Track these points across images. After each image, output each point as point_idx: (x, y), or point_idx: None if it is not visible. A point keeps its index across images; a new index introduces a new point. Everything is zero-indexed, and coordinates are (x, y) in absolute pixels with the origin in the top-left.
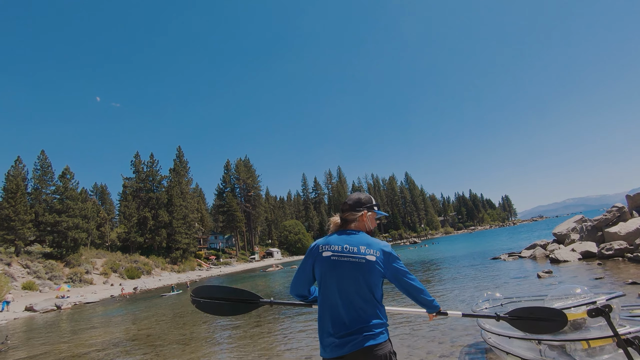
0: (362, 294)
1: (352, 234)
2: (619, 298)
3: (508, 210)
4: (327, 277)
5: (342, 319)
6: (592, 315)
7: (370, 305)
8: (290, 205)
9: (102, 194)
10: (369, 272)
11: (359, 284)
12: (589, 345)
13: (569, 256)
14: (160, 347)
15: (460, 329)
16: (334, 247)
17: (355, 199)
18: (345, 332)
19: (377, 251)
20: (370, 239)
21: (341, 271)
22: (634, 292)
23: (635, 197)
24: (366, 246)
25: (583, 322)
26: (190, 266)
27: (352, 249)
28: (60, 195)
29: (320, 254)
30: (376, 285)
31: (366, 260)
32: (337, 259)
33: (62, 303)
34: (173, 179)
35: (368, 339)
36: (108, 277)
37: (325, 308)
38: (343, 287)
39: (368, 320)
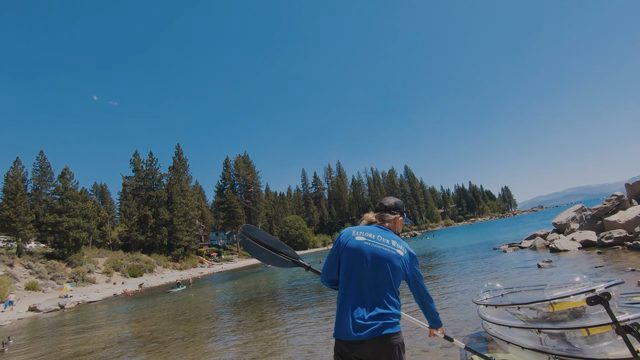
0: (388, 283)
1: (385, 229)
2: (618, 285)
3: (508, 201)
4: (356, 260)
5: (367, 303)
6: (591, 303)
7: (393, 295)
8: (290, 200)
9: (102, 193)
10: (396, 265)
11: (387, 272)
12: (588, 333)
13: (569, 245)
14: (165, 343)
15: (462, 320)
16: (368, 234)
17: (394, 202)
18: (368, 317)
19: (405, 250)
20: (399, 238)
21: (372, 257)
22: (634, 280)
23: (635, 186)
24: (397, 242)
25: (583, 310)
26: (192, 263)
27: (385, 241)
28: (60, 196)
29: (353, 238)
30: (398, 280)
31: (396, 253)
32: (370, 244)
33: (65, 302)
34: (173, 177)
35: (387, 326)
36: (110, 275)
37: (351, 290)
38: (371, 272)
39: (389, 308)
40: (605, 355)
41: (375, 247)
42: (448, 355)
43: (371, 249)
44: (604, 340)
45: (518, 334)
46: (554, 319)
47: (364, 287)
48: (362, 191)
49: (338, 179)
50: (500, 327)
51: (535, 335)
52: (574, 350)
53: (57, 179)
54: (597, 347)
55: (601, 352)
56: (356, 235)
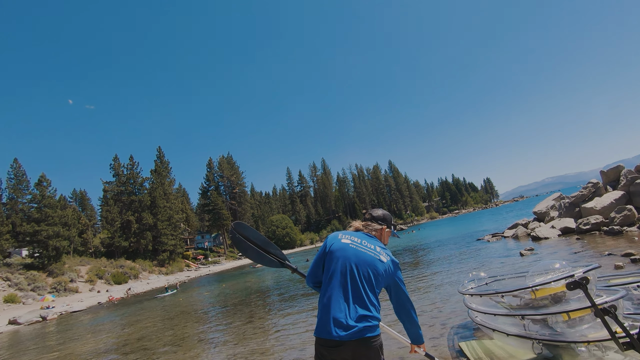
0: (371, 286)
1: (371, 236)
2: (595, 270)
3: (490, 192)
4: (340, 262)
5: (349, 304)
6: (570, 288)
7: (374, 299)
8: (276, 200)
9: (82, 199)
10: (379, 270)
11: (370, 276)
12: (569, 317)
13: (549, 233)
14: (153, 349)
15: (449, 310)
16: (354, 238)
17: (382, 213)
18: (349, 318)
19: (388, 257)
20: (384, 246)
21: (356, 259)
22: (610, 264)
23: (609, 173)
24: (381, 248)
25: (563, 295)
26: (179, 267)
27: (370, 246)
28: (38, 204)
29: (339, 240)
30: (380, 285)
31: (379, 259)
32: (355, 247)
33: (48, 314)
34: (155, 181)
35: (368, 329)
36: (94, 284)
37: (333, 291)
38: (355, 274)
39: (371, 310)
40: (585, 338)
41: (360, 250)
42: (437, 346)
43: (356, 252)
44: (583, 323)
45: (502, 321)
46: (536, 305)
47: (347, 288)
48: (347, 188)
49: (323, 177)
50: (485, 315)
51: (519, 322)
52: (556, 334)
53: (34, 187)
54: (577, 330)
55: (581, 334)
56: (342, 238)
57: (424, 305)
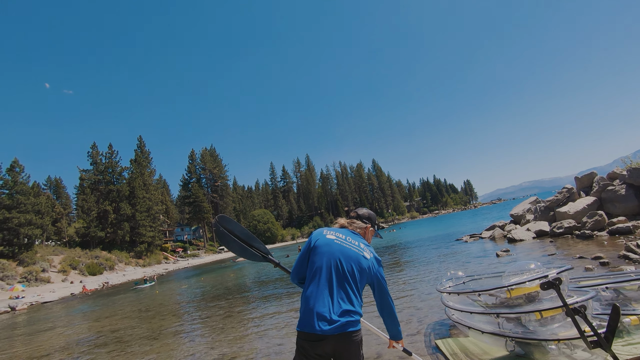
0: (354, 282)
1: (355, 233)
2: (568, 271)
3: (470, 194)
4: (324, 257)
5: (332, 299)
6: (544, 288)
7: (357, 294)
8: (258, 194)
9: (57, 187)
10: (363, 266)
11: (353, 271)
12: (541, 316)
13: (525, 235)
14: (128, 342)
15: (426, 308)
16: (339, 234)
17: (367, 212)
18: (332, 313)
19: (371, 254)
20: (368, 244)
21: (340, 255)
22: (581, 266)
23: (583, 179)
24: (365, 245)
25: (537, 295)
26: (156, 260)
27: (354, 242)
28: (10, 190)
29: (324, 236)
30: (363, 281)
31: (363, 255)
32: (340, 242)
33: (17, 304)
34: (135, 170)
35: (350, 324)
36: (67, 274)
37: (317, 285)
38: (339, 269)
39: (354, 305)
40: (556, 336)
41: (344, 246)
42: (413, 343)
43: (341, 248)
44: (555, 322)
45: (478, 319)
46: (511, 304)
47: (332, 283)
48: (330, 185)
49: (307, 173)
50: (461, 313)
51: (494, 320)
52: (528, 332)
53: (5, 172)
54: (549, 328)
55: (552, 333)
56: (327, 234)
57: (402, 302)
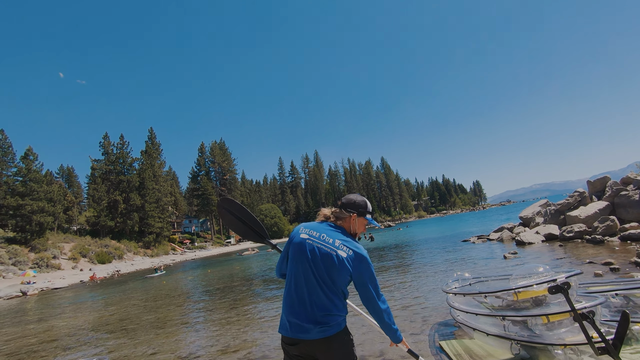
0: (326, 284)
1: (334, 227)
2: (577, 276)
3: (478, 194)
4: (297, 259)
5: (305, 304)
6: (552, 292)
7: (332, 296)
8: (266, 189)
9: (69, 176)
10: (337, 266)
11: (325, 274)
12: (548, 320)
13: (534, 238)
14: (133, 331)
15: (431, 308)
16: (313, 232)
17: (352, 199)
18: (305, 322)
19: (350, 251)
20: (348, 237)
21: (312, 256)
22: (591, 271)
23: (595, 183)
24: (342, 241)
25: (544, 299)
26: (164, 250)
27: (328, 240)
28: (23, 178)
29: (298, 235)
30: (339, 281)
31: (337, 254)
32: (311, 242)
33: (28, 289)
34: (145, 162)
35: (325, 331)
36: (77, 262)
37: (290, 289)
38: (310, 272)
39: (330, 311)
40: (562, 341)
41: (315, 245)
42: (417, 342)
43: (312, 248)
44: (562, 326)
45: (484, 321)
46: (517, 307)
47: (303, 289)
48: (338, 181)
49: (315, 169)
50: (467, 314)
51: (500, 322)
52: (534, 336)
53: (20, 160)
54: (555, 333)
55: (559, 337)
56: (301, 232)
57: (407, 300)
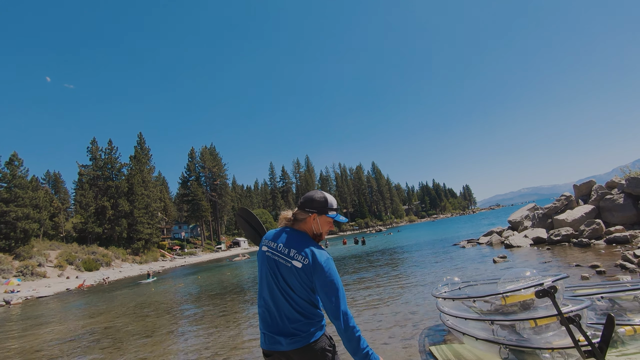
0: (290, 295)
1: (292, 234)
2: (563, 280)
3: (468, 199)
4: (261, 271)
5: (274, 315)
6: (539, 296)
7: (301, 307)
8: (257, 194)
9: (55, 182)
10: (295, 277)
11: (287, 286)
12: (536, 324)
13: (522, 242)
14: (121, 340)
15: (422, 312)
16: (271, 243)
17: (307, 198)
18: (276, 330)
19: (306, 259)
20: (307, 243)
21: (272, 269)
22: (578, 274)
23: (581, 187)
24: (296, 251)
25: (532, 303)
26: (153, 257)
27: (284, 250)
28: (8, 184)
29: (261, 247)
30: (305, 294)
31: (292, 266)
32: (269, 255)
33: (12, 298)
34: (134, 167)
35: (298, 342)
36: (63, 269)
37: (261, 302)
38: (273, 284)
39: (297, 320)
40: (549, 345)
41: (273, 257)
42: (407, 347)
43: (269, 260)
44: (549, 330)
45: (473, 325)
46: (505, 311)
47: (269, 299)
48: (329, 186)
49: (306, 174)
50: (456, 319)
51: (489, 327)
52: (522, 340)
53: (4, 165)
54: (543, 337)
55: (547, 341)
56: (262, 245)
57: (397, 305)
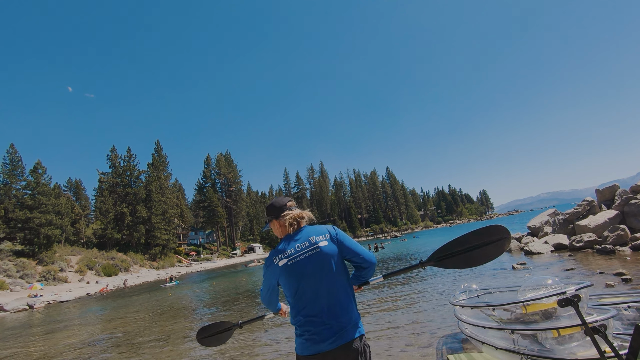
0: (336, 280)
1: (299, 231)
2: (587, 288)
3: (485, 204)
4: (295, 285)
5: (325, 314)
6: (562, 305)
7: (347, 295)
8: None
9: (76, 189)
10: (330, 257)
11: (329, 271)
12: (559, 334)
13: (542, 248)
14: (139, 344)
15: (439, 320)
16: (289, 251)
17: (268, 206)
18: (332, 327)
19: (326, 233)
20: (313, 227)
21: (309, 269)
22: (602, 282)
23: (604, 191)
24: (315, 235)
25: (554, 312)
26: (170, 262)
27: (306, 244)
28: (32, 191)
29: (276, 264)
30: (342, 266)
31: (320, 248)
32: (295, 262)
33: (35, 302)
34: (151, 174)
35: (352, 332)
36: (84, 274)
37: (306, 310)
38: (317, 285)
39: (350, 311)
40: (574, 356)
41: (301, 261)
42: (425, 356)
43: (298, 266)
44: (573, 340)
45: (492, 334)
46: (526, 320)
47: (321, 302)
48: (344, 192)
49: (320, 180)
50: (475, 327)
51: (509, 336)
52: (545, 350)
53: (29, 173)
54: (566, 347)
55: (570, 352)
56: (276, 263)
57: (414, 313)
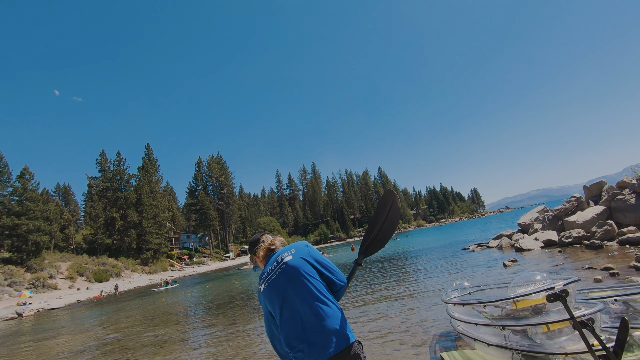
0: (312, 294)
1: (269, 257)
2: (575, 283)
3: (477, 202)
4: (276, 308)
5: (309, 332)
6: (550, 300)
7: (328, 306)
8: (264, 202)
9: (65, 194)
10: (295, 268)
11: (300, 287)
12: (548, 329)
13: (532, 245)
14: (132, 350)
15: (432, 319)
16: (264, 276)
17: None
18: (317, 344)
19: (292, 248)
20: (283, 248)
21: (278, 289)
22: (590, 276)
23: (592, 188)
24: (281, 253)
25: (543, 307)
26: (162, 267)
27: (274, 265)
28: (19, 197)
29: (261, 293)
30: (314, 275)
31: (286, 264)
32: (269, 285)
33: (24, 310)
34: (142, 178)
35: (339, 343)
36: (74, 281)
37: (291, 335)
38: (294, 304)
39: (333, 319)
40: (563, 350)
41: (273, 282)
42: (419, 354)
43: (273, 288)
44: (562, 335)
45: (484, 330)
46: (517, 315)
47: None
48: (336, 193)
49: (313, 181)
50: (467, 324)
51: (500, 332)
52: (535, 345)
53: (16, 179)
54: (556, 341)
55: (560, 346)
56: (259, 289)
57: (407, 311)
